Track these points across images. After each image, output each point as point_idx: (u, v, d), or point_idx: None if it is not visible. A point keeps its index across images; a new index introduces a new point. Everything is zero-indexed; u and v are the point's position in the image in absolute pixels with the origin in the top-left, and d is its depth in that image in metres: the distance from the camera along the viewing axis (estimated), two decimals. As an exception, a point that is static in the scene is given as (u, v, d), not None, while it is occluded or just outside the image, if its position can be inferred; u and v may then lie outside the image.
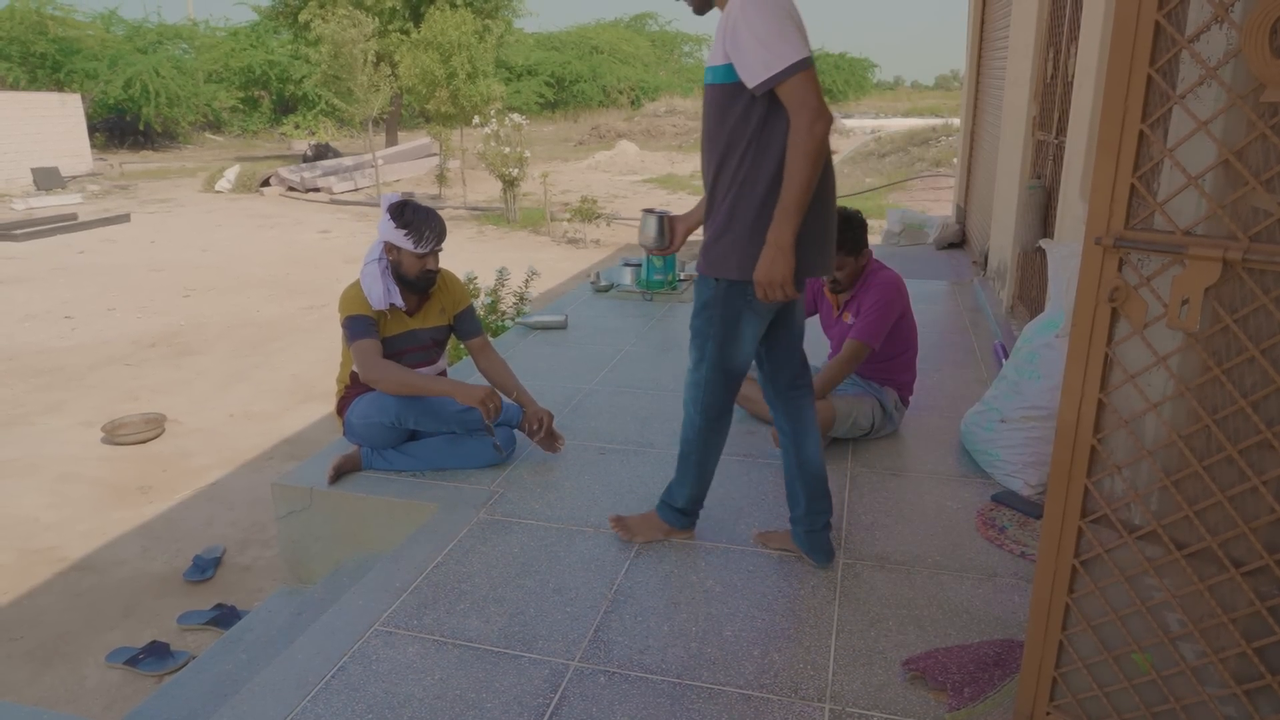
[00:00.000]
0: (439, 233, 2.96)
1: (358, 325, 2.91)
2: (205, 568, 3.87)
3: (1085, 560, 1.68)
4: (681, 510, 2.54)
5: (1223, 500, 1.48)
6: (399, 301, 2.98)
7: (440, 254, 3.04)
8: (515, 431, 3.17)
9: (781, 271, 2.02)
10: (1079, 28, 3.91)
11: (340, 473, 2.99)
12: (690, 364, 2.34)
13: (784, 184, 1.98)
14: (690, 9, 2.19)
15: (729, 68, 2.02)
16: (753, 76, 1.96)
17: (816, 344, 3.74)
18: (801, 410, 2.37)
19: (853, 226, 3.12)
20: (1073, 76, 4.02)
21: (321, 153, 21.18)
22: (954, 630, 2.15)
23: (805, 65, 1.93)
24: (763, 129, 2.04)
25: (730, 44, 1.99)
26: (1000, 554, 2.51)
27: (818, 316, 3.53)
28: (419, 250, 2.92)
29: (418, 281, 3.00)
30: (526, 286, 6.04)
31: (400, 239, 2.90)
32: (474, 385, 2.88)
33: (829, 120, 1.95)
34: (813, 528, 2.40)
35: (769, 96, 2.00)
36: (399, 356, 3.03)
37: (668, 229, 2.60)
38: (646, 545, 2.57)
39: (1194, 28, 1.42)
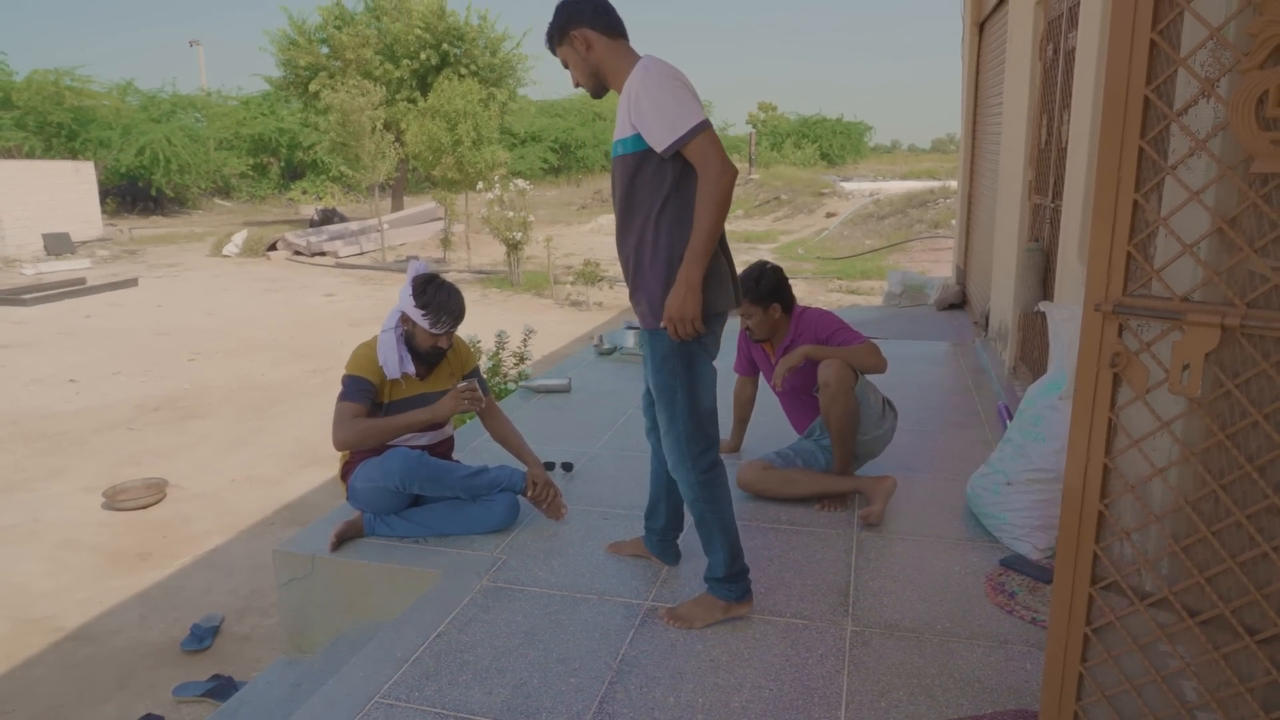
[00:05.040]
0: (456, 316, 3.01)
1: (350, 386, 2.96)
2: (203, 637, 3.81)
3: (1097, 628, 1.66)
4: (727, 579, 2.46)
5: (1233, 566, 1.47)
6: (410, 369, 3.04)
7: (452, 336, 3.09)
8: (518, 497, 3.15)
9: (692, 308, 2.19)
10: (1071, 96, 4.00)
11: (342, 539, 2.97)
12: (663, 427, 2.39)
13: (693, 229, 2.17)
14: (589, 94, 2.41)
15: (637, 137, 2.20)
16: (660, 141, 2.14)
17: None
18: None
19: (762, 280, 3.33)
20: (1066, 143, 4.10)
21: (328, 217, 21.51)
22: (966, 700, 2.10)
23: (705, 127, 2.13)
24: (678, 185, 2.21)
25: (635, 116, 2.17)
26: (1011, 620, 2.47)
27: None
28: (433, 330, 2.98)
29: (426, 355, 3.06)
30: (525, 345, 6.07)
31: (418, 316, 2.95)
32: (440, 401, 2.98)
33: (733, 173, 2.14)
34: (665, 539, 2.79)
35: (678, 157, 2.17)
36: None
37: None
38: (652, 614, 2.53)
39: (1182, 101, 1.46)
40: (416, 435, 3.09)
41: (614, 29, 2.31)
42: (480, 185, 15.21)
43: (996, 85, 6.87)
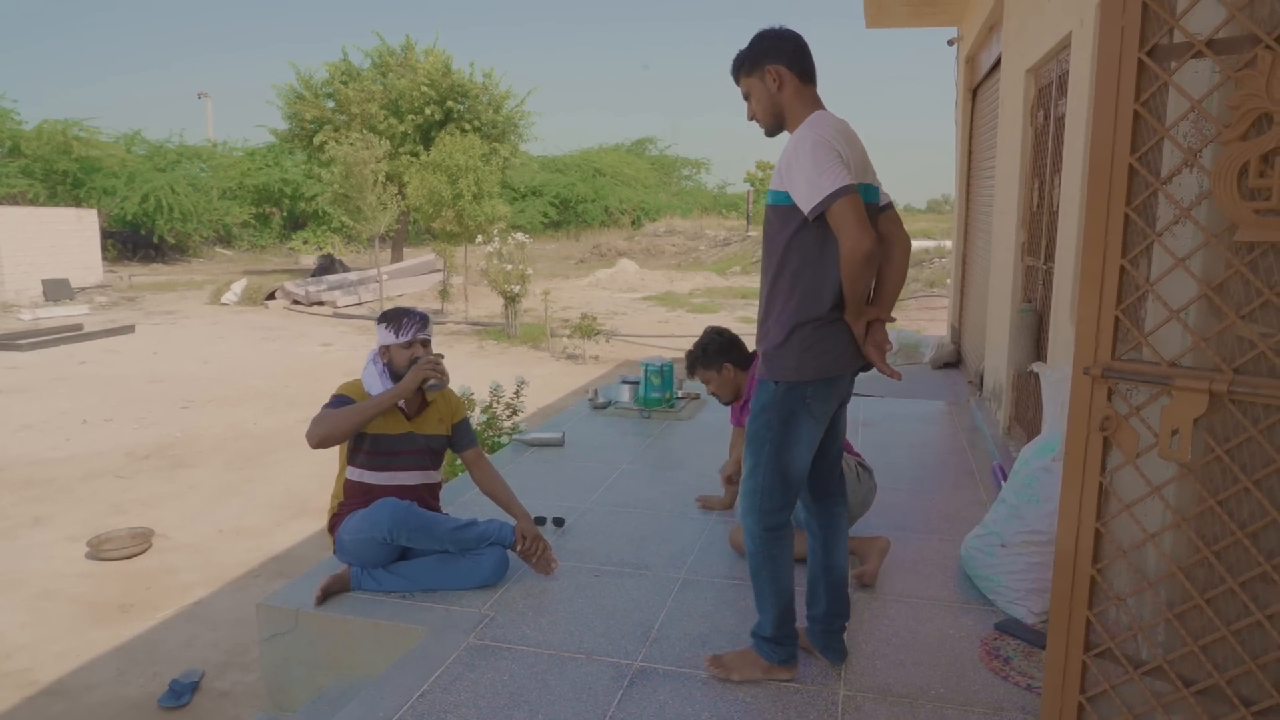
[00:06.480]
0: (419, 320, 3.12)
1: (333, 401, 3.04)
2: (181, 693, 3.72)
3: (1092, 696, 1.63)
4: (772, 640, 2.42)
5: (1228, 635, 1.45)
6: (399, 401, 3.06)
7: (429, 345, 3.13)
8: (508, 552, 3.11)
9: (861, 341, 2.27)
10: (1061, 161, 4.07)
11: (328, 593, 2.93)
12: (745, 472, 2.37)
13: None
14: (764, 131, 2.39)
15: (786, 193, 2.22)
16: (804, 206, 2.17)
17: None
18: (835, 517, 2.50)
19: (708, 347, 3.54)
20: (1058, 207, 4.16)
21: (327, 264, 21.62)
22: (960, 770, 2.05)
23: (841, 194, 2.11)
24: (818, 246, 2.21)
25: (786, 177, 2.20)
26: (1006, 686, 2.42)
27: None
28: (402, 338, 3.07)
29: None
30: (518, 397, 6.05)
31: (384, 334, 3.09)
32: (402, 380, 3.00)
33: (866, 242, 2.11)
34: (830, 628, 2.50)
35: (822, 220, 2.18)
36: (396, 457, 3.09)
37: None
38: (640, 674, 2.48)
39: (1169, 169, 1.49)
40: (405, 474, 3.11)
41: (807, 73, 2.31)
42: (480, 238, 15.34)
43: (989, 149, 6.99)
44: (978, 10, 7.26)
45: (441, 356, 3.13)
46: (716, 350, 3.54)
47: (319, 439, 2.94)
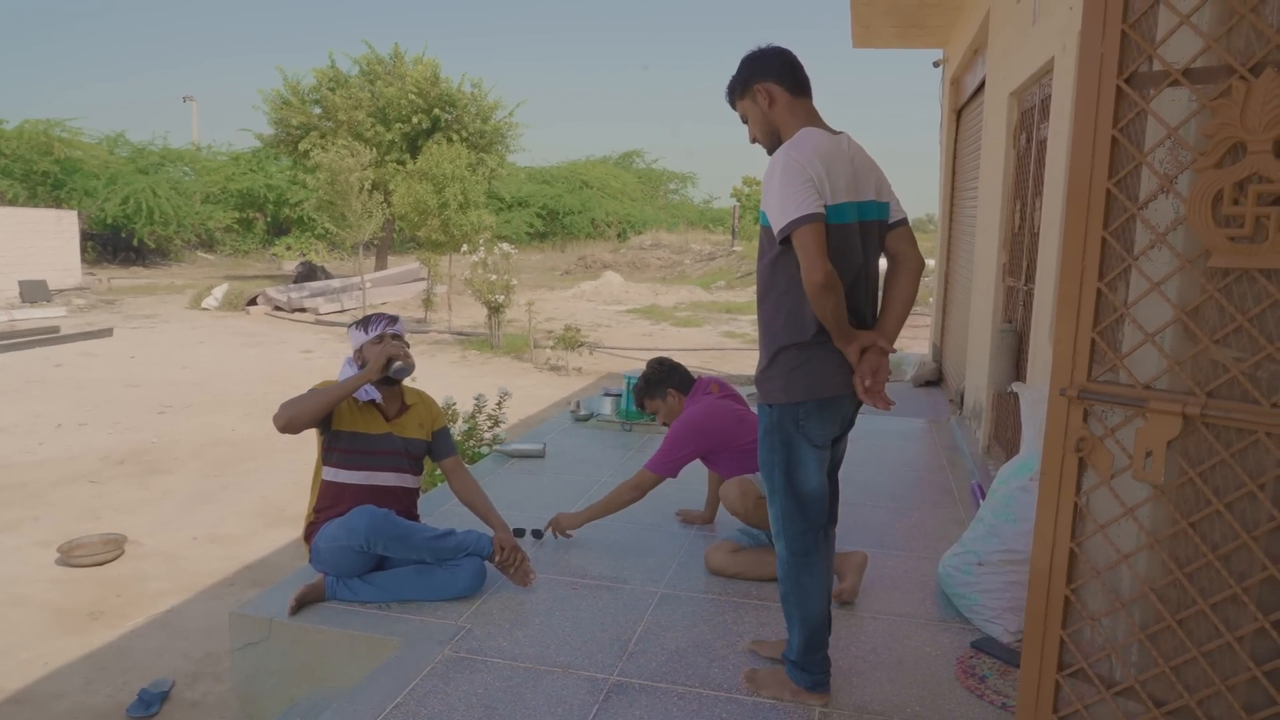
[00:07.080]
0: (388, 317, 3.20)
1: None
2: (150, 703, 3.66)
3: (1065, 716, 1.63)
4: (797, 665, 2.39)
5: (1198, 656, 1.46)
6: (376, 396, 3.11)
7: (399, 339, 3.15)
8: (485, 563, 3.10)
9: (857, 369, 2.22)
10: (1043, 184, 4.12)
11: (302, 603, 2.90)
12: (767, 498, 2.38)
13: None
14: (765, 151, 2.37)
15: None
16: (773, 229, 2.17)
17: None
18: (826, 539, 2.49)
19: (650, 378, 3.67)
20: (1039, 228, 4.21)
21: (307, 271, 21.50)
22: (934, 789, 2.05)
23: (805, 221, 2.08)
24: (799, 268, 2.16)
25: (764, 198, 2.21)
26: (982, 705, 2.43)
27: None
28: (371, 334, 3.13)
29: (387, 376, 3.10)
30: (500, 408, 6.02)
31: (356, 336, 3.15)
32: (369, 364, 3.03)
33: (817, 274, 2.07)
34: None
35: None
36: (372, 457, 3.09)
37: None
38: (617, 688, 2.47)
39: (1145, 195, 1.51)
40: (381, 474, 3.11)
41: (799, 87, 2.29)
42: (465, 247, 15.30)
43: (973, 170, 7.06)
44: (963, 33, 7.35)
45: (408, 346, 3.17)
46: (658, 379, 3.64)
47: (285, 420, 2.94)
